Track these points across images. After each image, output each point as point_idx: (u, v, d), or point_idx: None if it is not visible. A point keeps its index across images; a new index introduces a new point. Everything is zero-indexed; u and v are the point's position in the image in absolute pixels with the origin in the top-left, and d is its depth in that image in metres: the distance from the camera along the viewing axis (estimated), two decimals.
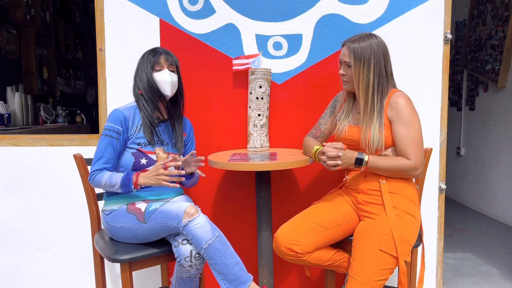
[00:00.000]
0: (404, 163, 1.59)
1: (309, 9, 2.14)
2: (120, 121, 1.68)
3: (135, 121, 1.73)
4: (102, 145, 1.67)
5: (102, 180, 1.63)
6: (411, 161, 1.59)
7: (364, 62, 1.63)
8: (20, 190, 2.23)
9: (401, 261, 1.56)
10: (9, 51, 3.98)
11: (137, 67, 1.78)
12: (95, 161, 1.67)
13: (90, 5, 5.73)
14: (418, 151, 1.60)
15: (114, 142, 1.67)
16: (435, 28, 2.13)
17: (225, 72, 2.17)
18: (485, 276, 2.66)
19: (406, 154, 1.60)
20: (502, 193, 3.80)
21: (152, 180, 1.60)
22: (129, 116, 1.71)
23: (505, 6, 3.68)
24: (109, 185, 1.63)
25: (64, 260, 2.26)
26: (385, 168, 1.61)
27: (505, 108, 3.75)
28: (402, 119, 1.61)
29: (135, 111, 1.74)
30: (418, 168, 1.60)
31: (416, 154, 1.59)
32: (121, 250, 1.60)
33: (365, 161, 1.61)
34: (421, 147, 1.62)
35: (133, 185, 1.62)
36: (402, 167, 1.60)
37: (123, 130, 1.69)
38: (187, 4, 2.14)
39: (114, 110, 1.71)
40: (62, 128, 4.03)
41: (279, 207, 2.21)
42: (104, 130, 1.68)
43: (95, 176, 1.65)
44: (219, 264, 1.55)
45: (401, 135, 1.61)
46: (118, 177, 1.63)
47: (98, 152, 1.67)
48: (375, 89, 1.64)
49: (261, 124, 2.09)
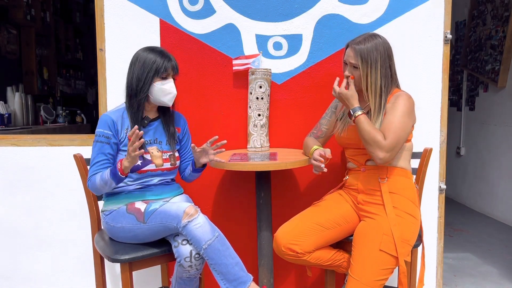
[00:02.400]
0: (379, 139, 1.55)
1: (309, 9, 2.14)
2: (108, 125, 1.66)
3: (124, 124, 1.70)
4: (94, 151, 1.67)
5: (96, 183, 1.63)
6: (386, 141, 1.55)
7: (372, 64, 1.62)
8: (20, 190, 2.23)
9: (401, 261, 1.56)
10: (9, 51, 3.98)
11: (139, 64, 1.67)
12: (90, 167, 1.67)
13: (90, 5, 5.73)
14: (395, 138, 1.56)
15: (105, 146, 1.65)
16: (435, 28, 2.13)
17: (225, 72, 2.17)
18: (485, 276, 2.66)
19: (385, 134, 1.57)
20: (502, 193, 3.80)
21: (128, 158, 1.55)
22: (117, 120, 1.68)
23: (505, 6, 3.68)
24: (103, 183, 1.62)
25: (64, 260, 2.26)
26: (364, 132, 1.58)
27: (505, 108, 3.75)
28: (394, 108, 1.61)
29: (123, 114, 1.71)
30: (384, 151, 1.55)
31: (391, 140, 1.55)
32: (121, 250, 1.60)
33: (355, 114, 1.61)
34: (400, 140, 1.58)
35: (119, 172, 1.58)
36: (374, 140, 1.55)
37: (113, 134, 1.66)
38: (187, 4, 2.14)
39: (103, 115, 1.69)
40: (62, 128, 4.03)
41: (279, 207, 2.21)
42: (95, 136, 1.67)
43: (90, 180, 1.66)
44: (219, 265, 1.55)
45: (387, 120, 1.60)
46: (107, 173, 1.62)
47: (92, 158, 1.67)
48: (383, 90, 1.64)
49: (261, 124, 2.09)
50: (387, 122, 1.59)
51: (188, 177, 1.89)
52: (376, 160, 1.59)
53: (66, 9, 5.33)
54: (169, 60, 1.69)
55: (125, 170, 1.58)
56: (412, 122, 1.66)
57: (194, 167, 1.83)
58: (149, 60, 1.67)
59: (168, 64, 1.68)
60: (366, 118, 1.60)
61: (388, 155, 1.56)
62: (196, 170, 1.84)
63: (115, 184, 1.63)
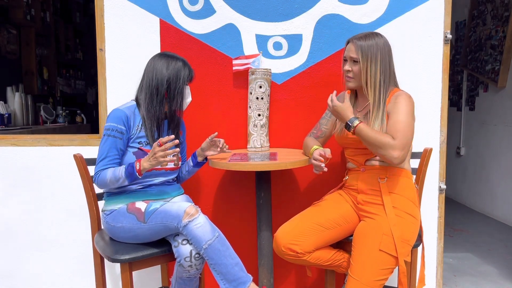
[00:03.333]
0: (388, 141, 1.54)
1: (309, 9, 2.14)
2: (122, 120, 1.67)
3: (136, 121, 1.72)
4: (105, 146, 1.65)
5: (106, 177, 1.63)
6: (395, 141, 1.54)
7: (372, 59, 1.63)
8: (20, 190, 2.23)
9: (401, 261, 1.56)
10: (9, 51, 3.98)
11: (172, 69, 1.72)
12: (99, 162, 1.66)
13: (90, 5, 5.73)
14: (404, 136, 1.55)
15: (118, 142, 1.66)
16: (435, 28, 2.13)
17: (225, 72, 2.17)
18: (485, 276, 2.66)
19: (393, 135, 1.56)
20: (502, 193, 3.80)
21: (151, 161, 1.59)
22: (130, 115, 1.70)
23: (505, 6, 3.68)
24: (114, 180, 1.62)
25: (64, 260, 2.26)
26: (368, 138, 1.56)
27: (505, 108, 3.75)
28: (397, 109, 1.60)
29: (134, 111, 1.73)
30: (396, 149, 1.52)
31: (401, 138, 1.54)
32: (121, 250, 1.60)
33: (353, 126, 1.59)
34: (409, 138, 1.57)
35: (137, 173, 1.60)
36: (383, 143, 1.53)
37: (126, 129, 1.68)
38: (187, 4, 2.14)
39: (115, 109, 1.70)
40: (62, 128, 4.03)
41: (279, 207, 2.21)
42: (105, 130, 1.67)
43: (99, 175, 1.65)
44: (218, 265, 1.55)
45: (393, 120, 1.59)
46: (121, 170, 1.62)
47: (101, 152, 1.66)
48: (381, 86, 1.64)
49: (261, 124, 2.09)
50: (393, 123, 1.58)
51: (185, 174, 1.93)
52: (392, 161, 1.55)
53: (66, 9, 5.33)
54: (191, 68, 1.78)
55: (143, 171, 1.61)
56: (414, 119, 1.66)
57: (195, 161, 1.87)
58: (177, 67, 1.73)
59: (193, 72, 1.78)
60: (365, 125, 1.59)
61: (402, 153, 1.54)
62: (197, 164, 1.88)
63: (127, 183, 1.64)
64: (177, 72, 1.72)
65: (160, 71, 1.71)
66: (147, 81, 1.73)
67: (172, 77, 1.71)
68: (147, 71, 1.75)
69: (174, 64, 1.72)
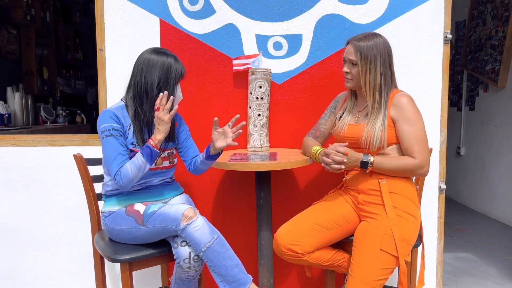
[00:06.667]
0: (410, 162, 1.60)
1: (309, 9, 2.14)
2: (113, 118, 1.62)
3: (126, 121, 1.67)
4: (110, 146, 1.59)
5: (129, 172, 1.56)
6: (416, 159, 1.59)
7: (371, 61, 1.63)
8: (20, 190, 2.23)
9: (401, 261, 1.56)
10: (9, 51, 3.98)
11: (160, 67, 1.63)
12: (112, 163, 1.58)
13: (90, 5, 5.72)
14: (423, 149, 1.60)
15: (119, 138, 1.61)
16: (435, 28, 2.13)
17: (225, 72, 2.17)
18: (485, 276, 2.66)
19: (411, 152, 1.60)
20: (502, 193, 3.80)
21: (159, 128, 1.57)
22: (119, 115, 1.65)
23: (505, 6, 3.68)
24: (137, 169, 1.57)
25: (64, 260, 2.26)
26: (391, 168, 1.61)
27: (505, 108, 3.74)
28: (406, 118, 1.62)
29: (123, 111, 1.68)
30: (424, 166, 1.60)
31: (421, 152, 1.60)
32: (121, 250, 1.60)
33: (370, 163, 1.61)
34: (426, 145, 1.63)
35: (154, 149, 1.57)
36: (407, 166, 1.60)
37: (120, 126, 1.63)
38: (187, 4, 2.14)
39: (104, 110, 1.65)
40: (62, 128, 4.03)
41: (279, 207, 2.21)
42: (102, 133, 1.61)
43: (120, 174, 1.57)
44: (218, 267, 1.55)
45: (406, 134, 1.61)
46: (138, 157, 1.57)
47: (109, 154, 1.59)
48: (382, 88, 1.64)
49: (261, 124, 2.09)
50: (408, 136, 1.61)
51: (199, 166, 1.81)
52: (422, 176, 1.69)
53: (66, 9, 5.33)
54: (182, 65, 1.70)
55: (159, 144, 1.59)
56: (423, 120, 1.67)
57: (207, 154, 1.75)
58: (168, 64, 1.64)
59: (184, 69, 1.70)
60: (381, 158, 1.62)
61: (427, 167, 1.62)
62: (210, 157, 1.75)
63: (149, 165, 1.59)
64: (167, 72, 1.63)
65: (150, 73, 1.63)
66: (135, 83, 1.65)
67: (163, 80, 1.63)
68: (136, 72, 1.66)
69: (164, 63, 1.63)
